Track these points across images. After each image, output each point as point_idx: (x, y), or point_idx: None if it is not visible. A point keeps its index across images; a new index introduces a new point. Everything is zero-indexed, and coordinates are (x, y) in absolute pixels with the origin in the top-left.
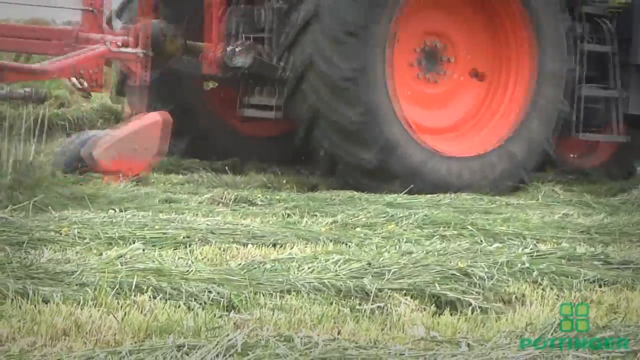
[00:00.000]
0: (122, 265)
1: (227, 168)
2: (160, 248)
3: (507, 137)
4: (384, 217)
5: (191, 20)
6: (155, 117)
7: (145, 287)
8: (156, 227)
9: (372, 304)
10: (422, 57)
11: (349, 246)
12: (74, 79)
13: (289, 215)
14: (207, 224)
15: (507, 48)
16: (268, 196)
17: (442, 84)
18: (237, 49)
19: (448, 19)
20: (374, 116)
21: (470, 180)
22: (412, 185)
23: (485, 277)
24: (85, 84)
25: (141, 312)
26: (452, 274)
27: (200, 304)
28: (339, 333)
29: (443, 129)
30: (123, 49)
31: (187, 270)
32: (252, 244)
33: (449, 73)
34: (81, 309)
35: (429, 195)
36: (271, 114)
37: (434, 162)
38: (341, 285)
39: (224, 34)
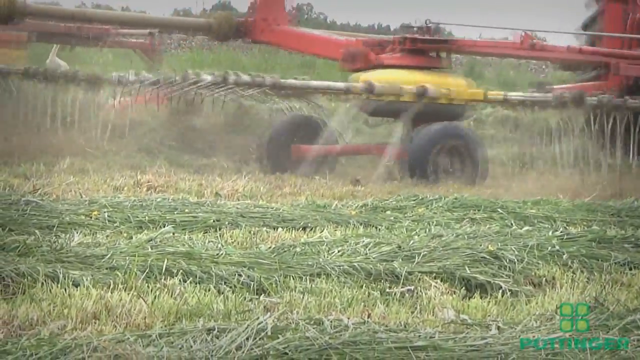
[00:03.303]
0: (152, 249)
1: None
2: (190, 231)
3: None
4: (414, 200)
5: None
6: None
7: (175, 271)
8: (186, 210)
9: (402, 287)
10: None
11: (379, 229)
12: None
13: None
14: (237, 208)
15: None
16: None
17: None
18: None
19: None
20: None
21: None
22: None
23: (515, 260)
24: None
25: (171, 295)
26: (482, 257)
27: (230, 287)
28: (368, 316)
29: None
30: None
31: (217, 254)
32: (282, 227)
33: None
34: (111, 293)
35: None
36: None
37: None
38: (371, 268)
39: None
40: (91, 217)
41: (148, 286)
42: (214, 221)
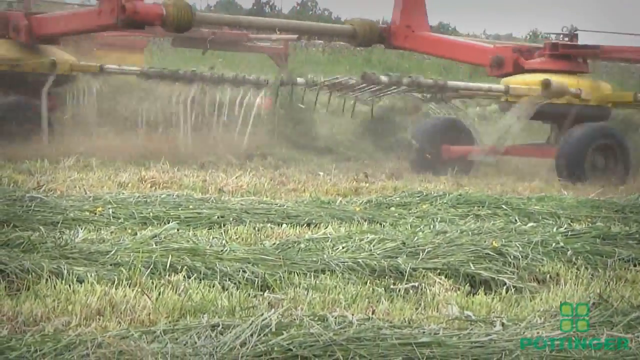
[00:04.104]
0: (156, 245)
1: None
2: (194, 228)
3: None
4: (418, 196)
5: None
6: None
7: (179, 267)
8: (190, 206)
9: (406, 284)
10: None
11: (383, 226)
12: None
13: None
14: (242, 204)
15: None
16: None
17: None
18: None
19: None
20: None
21: None
22: None
23: (520, 257)
24: None
25: (175, 291)
26: (486, 254)
27: (235, 283)
28: (373, 312)
29: None
30: None
31: (222, 250)
32: (286, 223)
33: None
34: (115, 289)
35: None
36: None
37: None
38: (375, 264)
39: None
40: (95, 214)
41: (152, 282)
42: (218, 217)
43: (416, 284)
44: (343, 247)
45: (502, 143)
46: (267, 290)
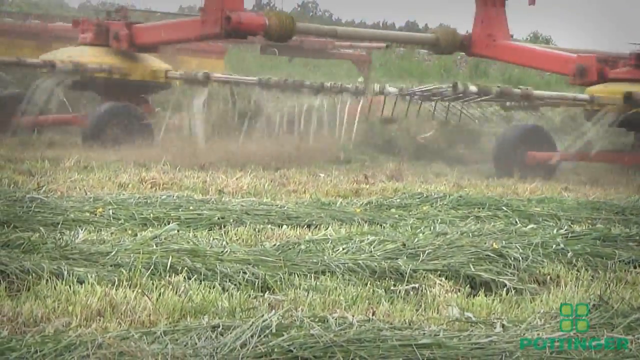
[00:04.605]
0: (156, 246)
1: None
2: (194, 229)
3: None
4: (419, 198)
5: None
6: None
7: (180, 268)
8: (191, 207)
9: (406, 285)
10: None
11: (384, 227)
12: None
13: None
14: (242, 205)
15: None
16: None
17: None
18: None
19: None
20: None
21: None
22: None
23: (520, 258)
24: None
25: (176, 292)
26: (486, 255)
27: (235, 284)
28: (373, 314)
29: None
30: None
31: (222, 251)
32: (286, 224)
33: None
34: (116, 290)
35: None
36: None
37: None
38: (376, 266)
39: None
40: (96, 214)
41: (153, 283)
42: (218, 218)
43: (416, 285)
44: (343, 249)
45: (587, 149)
46: (268, 291)
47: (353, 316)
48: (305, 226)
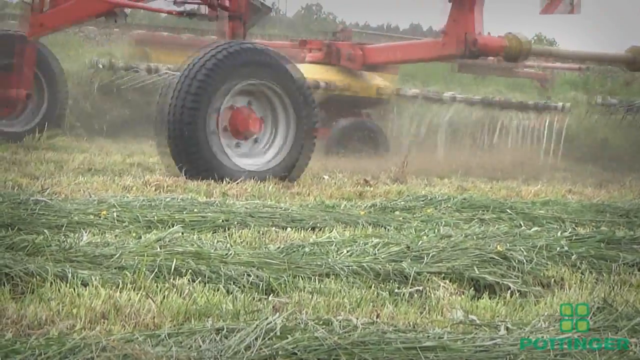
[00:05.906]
0: (161, 249)
1: None
2: (199, 231)
3: None
4: (423, 200)
5: None
6: None
7: (184, 271)
8: (195, 210)
9: (410, 288)
10: None
11: (388, 230)
12: None
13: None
14: (246, 208)
15: None
16: None
17: None
18: None
19: None
20: None
21: None
22: None
23: (524, 261)
24: None
25: (180, 295)
26: (490, 258)
27: (239, 287)
28: (377, 316)
29: None
30: None
31: (226, 254)
32: (290, 227)
33: None
34: (120, 292)
35: None
36: None
37: None
38: (380, 268)
39: None
40: (100, 217)
41: (157, 286)
42: (222, 221)
43: (420, 287)
44: (347, 251)
45: None
46: (272, 294)
47: (357, 319)
48: (310, 228)
